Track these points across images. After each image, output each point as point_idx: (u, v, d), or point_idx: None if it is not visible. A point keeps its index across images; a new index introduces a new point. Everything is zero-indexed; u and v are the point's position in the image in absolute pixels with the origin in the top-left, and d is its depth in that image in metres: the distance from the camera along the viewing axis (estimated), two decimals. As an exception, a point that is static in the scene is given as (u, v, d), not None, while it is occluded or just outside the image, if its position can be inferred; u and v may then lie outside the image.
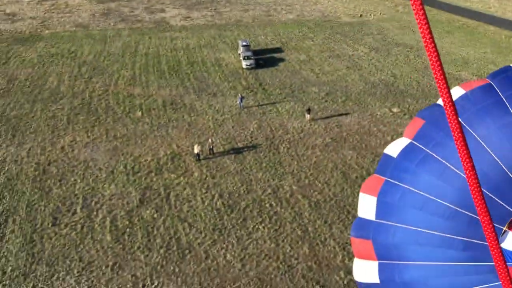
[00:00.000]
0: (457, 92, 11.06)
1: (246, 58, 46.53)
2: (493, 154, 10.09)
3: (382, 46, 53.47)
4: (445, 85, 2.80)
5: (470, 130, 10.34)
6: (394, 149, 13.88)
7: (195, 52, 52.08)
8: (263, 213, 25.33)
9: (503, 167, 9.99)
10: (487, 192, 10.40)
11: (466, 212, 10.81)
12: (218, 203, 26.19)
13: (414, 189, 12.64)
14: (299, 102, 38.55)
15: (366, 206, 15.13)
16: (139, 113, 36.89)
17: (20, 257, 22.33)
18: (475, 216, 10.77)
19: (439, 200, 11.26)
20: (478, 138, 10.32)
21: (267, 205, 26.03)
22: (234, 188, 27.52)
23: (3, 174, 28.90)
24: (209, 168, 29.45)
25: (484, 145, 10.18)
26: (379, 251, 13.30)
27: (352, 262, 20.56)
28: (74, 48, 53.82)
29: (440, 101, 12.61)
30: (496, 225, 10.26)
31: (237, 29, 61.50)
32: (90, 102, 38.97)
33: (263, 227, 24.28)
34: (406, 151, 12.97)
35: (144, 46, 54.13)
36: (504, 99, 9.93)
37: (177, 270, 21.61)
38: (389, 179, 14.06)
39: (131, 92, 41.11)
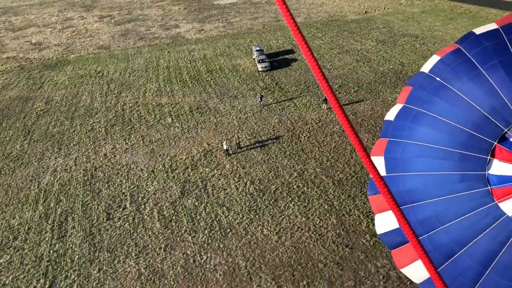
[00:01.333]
0: (434, 59, 13.90)
1: (260, 61, 49.65)
2: (469, 100, 12.84)
3: (389, 38, 56.01)
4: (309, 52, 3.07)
5: (448, 85, 13.14)
6: (391, 115, 16.84)
7: (212, 61, 55.45)
8: (292, 194, 28.16)
9: (479, 108, 12.70)
10: (471, 131, 13.20)
11: (456, 150, 13.57)
12: (250, 188, 29.13)
13: (412, 141, 15.53)
14: (315, 96, 41.42)
15: (376, 166, 18.11)
16: (169, 119, 40.20)
17: (84, 247, 25.57)
18: (464, 152, 13.60)
19: (433, 145, 14.06)
20: (455, 90, 13.09)
21: (295, 186, 28.86)
22: (263, 175, 30.44)
23: (57, 181, 32.37)
24: (238, 161, 32.45)
25: (461, 95, 12.94)
26: (397, 200, 16.10)
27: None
28: (100, 68, 57.74)
29: (423, 69, 15.42)
30: (481, 155, 13.17)
31: (249, 36, 64.80)
32: (123, 114, 42.48)
33: (293, 205, 27.10)
34: (401, 113, 15.90)
35: (164, 60, 57.76)
36: (471, 57, 12.69)
37: (221, 245, 24.54)
38: (391, 139, 17.01)
39: (159, 102, 44.54)
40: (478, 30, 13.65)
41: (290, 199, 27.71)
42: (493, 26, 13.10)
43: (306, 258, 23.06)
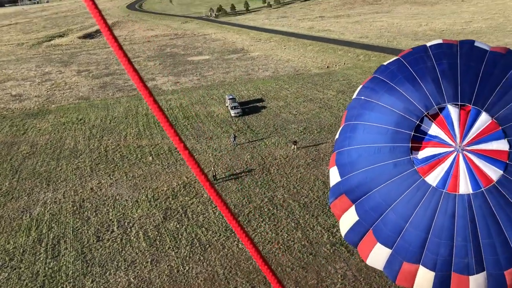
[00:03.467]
0: (359, 87, 19.05)
1: (233, 108, 54.66)
2: (388, 106, 17.69)
3: (348, 88, 62.46)
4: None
5: (371, 100, 18.10)
6: (337, 134, 21.82)
7: (188, 108, 60.19)
8: (263, 215, 32.03)
9: (396, 111, 17.49)
10: (394, 128, 18.00)
11: (386, 144, 18.29)
12: (226, 212, 32.80)
13: (352, 147, 20.18)
14: (282, 136, 46.28)
15: (333, 176, 22.83)
16: (150, 158, 43.95)
17: (77, 264, 28.36)
18: (392, 144, 18.25)
19: (368, 145, 18.74)
20: (377, 102, 17.97)
21: (266, 209, 32.78)
22: (238, 201, 34.30)
23: (47, 211, 35.20)
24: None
25: (381, 104, 17.78)
26: (352, 197, 20.63)
27: (335, 238, 27.43)
28: (81, 116, 61.44)
29: (353, 96, 20.61)
30: (404, 144, 17.92)
31: (222, 87, 70.40)
32: (106, 155, 45.98)
33: (264, 224, 30.91)
34: (342, 130, 20.81)
35: (143, 108, 62.10)
36: (383, 78, 17.76)
37: (202, 258, 27.88)
38: (338, 150, 21.69)
39: (139, 144, 48.37)
40: (386, 62, 19.05)
41: (261, 219, 31.54)
42: (396, 57, 18.42)
43: (276, 264, 26.65)
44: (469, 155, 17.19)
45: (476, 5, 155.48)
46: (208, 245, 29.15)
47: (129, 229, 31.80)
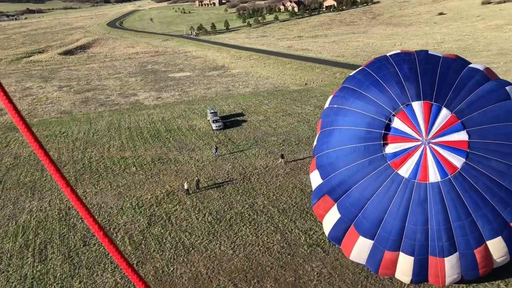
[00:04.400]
0: (330, 97, 21.25)
1: (215, 121, 56.47)
2: (359, 111, 19.89)
3: (323, 104, 64.98)
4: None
5: (343, 107, 20.25)
6: (315, 141, 23.92)
7: (170, 122, 61.74)
8: (244, 220, 33.64)
9: (367, 113, 19.73)
10: (366, 129, 20.14)
11: (360, 144, 20.37)
12: (209, 218, 34.35)
13: (330, 150, 22.26)
14: (263, 148, 48.21)
15: (314, 179, 24.83)
16: (134, 169, 45.22)
17: (64, 267, 29.36)
18: (365, 144, 20.34)
19: (344, 147, 20.81)
20: (349, 108, 20.11)
21: (246, 215, 34.41)
22: (220, 207, 35.86)
23: (33, 219, 36.08)
24: (198, 198, 37.77)
25: (353, 109, 19.97)
26: (334, 197, 22.61)
27: (312, 239, 29.21)
28: (64, 129, 62.32)
29: (325, 106, 22.88)
30: (376, 142, 20.19)
31: (203, 102, 72.28)
32: (90, 166, 47.04)
33: (245, 228, 32.51)
34: (319, 137, 23.03)
35: (125, 122, 63.38)
36: (351, 86, 19.95)
37: (186, 260, 29.25)
38: (317, 155, 23.74)
39: (122, 155, 49.59)
40: (352, 73, 21.34)
41: (242, 224, 33.15)
42: (361, 67, 20.73)
43: (256, 264, 28.23)
44: (435, 147, 19.58)
45: (447, 27, 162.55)
46: (191, 248, 30.56)
47: (114, 234, 32.96)
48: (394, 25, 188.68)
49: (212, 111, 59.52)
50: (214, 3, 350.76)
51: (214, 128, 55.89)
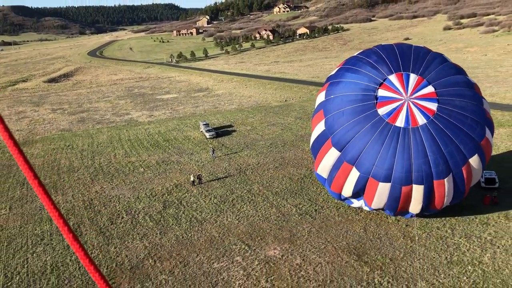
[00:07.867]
0: (334, 70, 29.22)
1: (208, 131, 63.58)
2: (355, 81, 27.71)
3: (304, 115, 73.13)
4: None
5: (342, 80, 28.07)
6: (319, 99, 31.83)
7: (166, 134, 68.52)
8: (244, 200, 40.54)
9: (361, 82, 27.64)
10: (362, 92, 28.14)
11: (358, 105, 28.17)
12: (214, 200, 41.11)
13: (335, 112, 29.88)
14: (253, 150, 55.49)
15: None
16: (142, 169, 51.68)
17: (99, 239, 35.52)
18: (361, 104, 28.25)
19: (344, 108, 28.56)
20: (347, 80, 28.02)
21: (246, 197, 41.33)
22: (222, 193, 42.69)
23: (62, 208, 42.07)
24: (202, 188, 44.52)
25: (350, 80, 27.77)
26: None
27: (301, 210, 36.45)
28: (69, 143, 68.22)
29: (328, 80, 30.94)
30: (372, 111, 28.24)
31: (194, 117, 79.40)
32: (102, 169, 53.25)
33: (246, 206, 39.39)
34: (325, 98, 30.73)
35: (125, 135, 69.79)
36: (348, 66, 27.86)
37: (200, 229, 35.85)
38: (327, 114, 31.04)
39: (129, 160, 55.99)
40: (348, 58, 29.87)
41: (243, 203, 40.04)
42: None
43: (258, 228, 35.09)
44: (415, 100, 28.06)
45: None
46: (203, 221, 37.22)
47: (136, 215, 39.32)
48: (364, 49, 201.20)
49: (204, 123, 66.68)
50: (191, 33, 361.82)
51: (208, 136, 62.93)
